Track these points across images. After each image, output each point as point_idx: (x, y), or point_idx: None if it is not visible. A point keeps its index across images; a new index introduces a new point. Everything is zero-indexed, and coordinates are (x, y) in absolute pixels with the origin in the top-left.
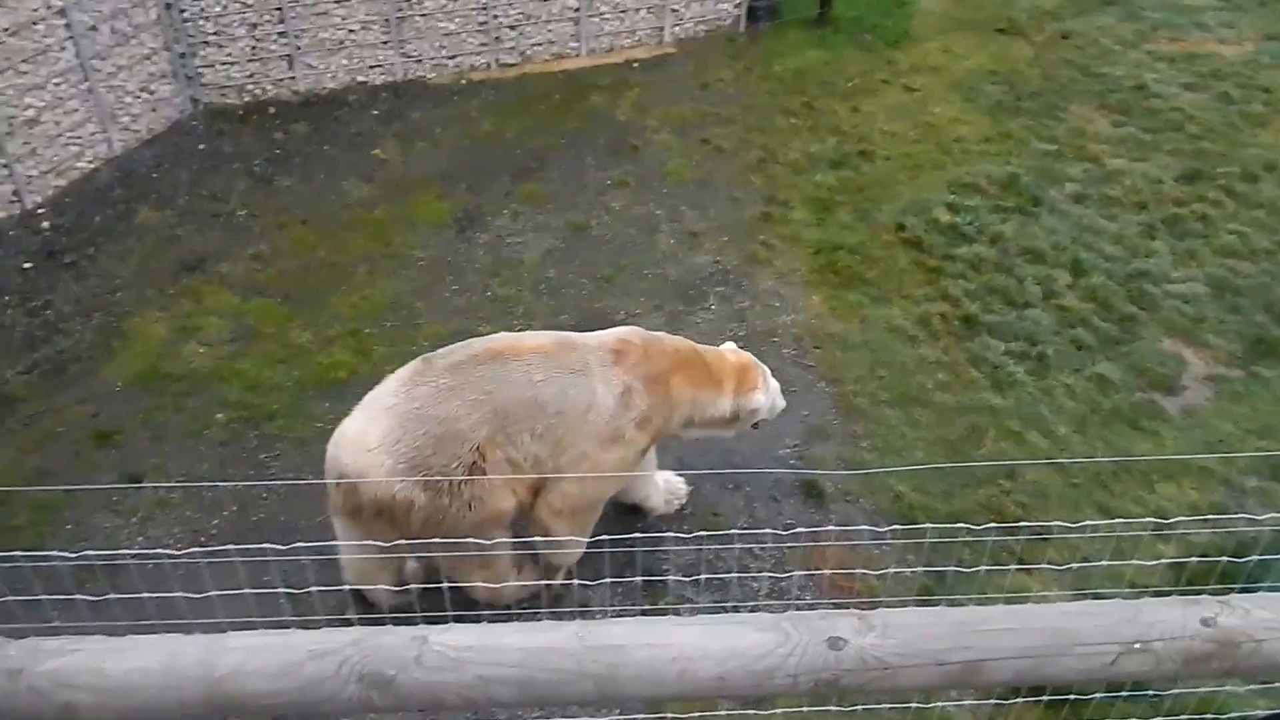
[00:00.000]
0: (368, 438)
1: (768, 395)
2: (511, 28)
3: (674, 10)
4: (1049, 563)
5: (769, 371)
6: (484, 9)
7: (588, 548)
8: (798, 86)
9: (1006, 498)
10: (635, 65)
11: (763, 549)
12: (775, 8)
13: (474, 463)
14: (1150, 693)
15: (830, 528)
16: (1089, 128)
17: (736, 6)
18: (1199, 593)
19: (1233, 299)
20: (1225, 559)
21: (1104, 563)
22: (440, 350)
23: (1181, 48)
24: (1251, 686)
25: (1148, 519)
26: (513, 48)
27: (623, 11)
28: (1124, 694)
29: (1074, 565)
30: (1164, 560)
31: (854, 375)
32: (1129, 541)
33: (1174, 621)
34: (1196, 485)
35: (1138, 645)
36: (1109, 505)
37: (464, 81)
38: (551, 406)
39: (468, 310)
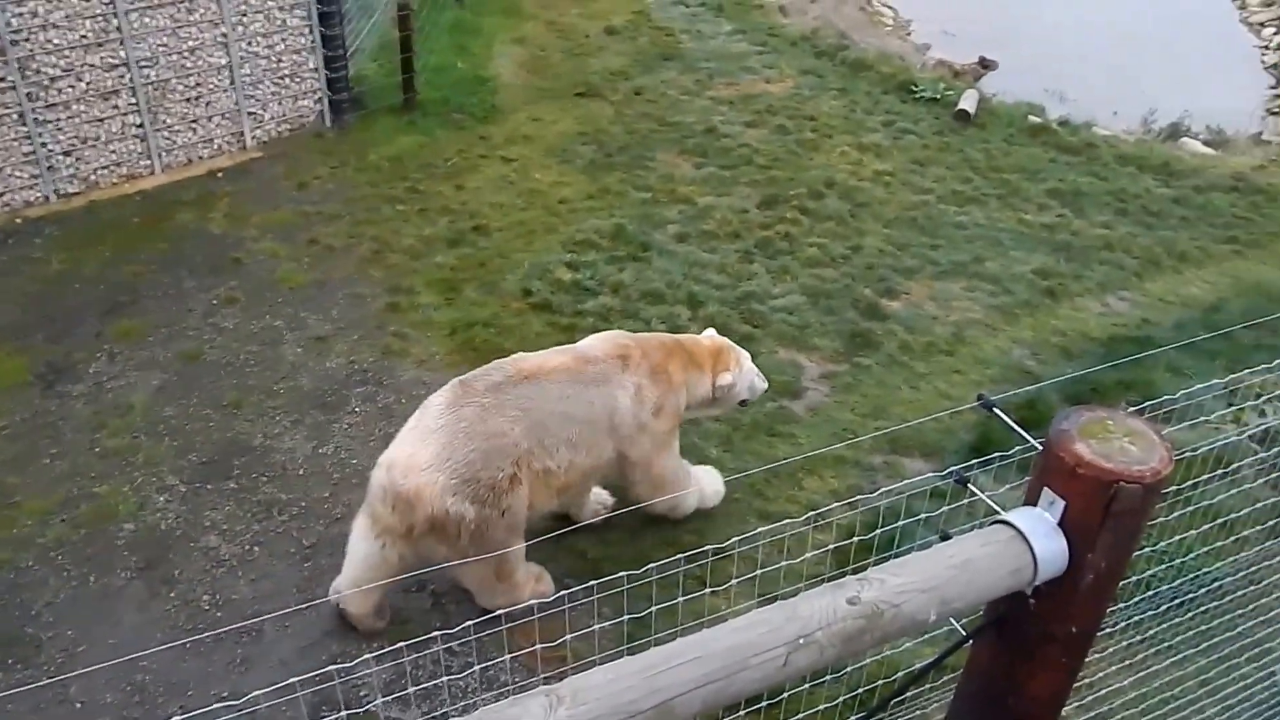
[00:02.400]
0: (419, 459)
1: (740, 374)
2: (66, 153)
3: (251, 114)
4: (734, 578)
5: (748, 355)
6: (28, 138)
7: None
8: (398, 173)
9: (680, 527)
10: (220, 175)
11: (462, 644)
12: (359, 99)
13: (514, 474)
14: (829, 676)
15: (530, 602)
16: (676, 172)
17: (317, 102)
18: (861, 570)
19: (826, 302)
20: (875, 535)
21: (782, 564)
22: (473, 372)
23: (737, 91)
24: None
25: (805, 514)
26: (73, 175)
27: (193, 122)
28: (808, 684)
29: (757, 574)
30: (823, 549)
31: None
32: (795, 539)
33: (826, 609)
34: (835, 474)
35: (801, 640)
36: (768, 510)
37: (18, 220)
38: (581, 416)
39: (75, 473)
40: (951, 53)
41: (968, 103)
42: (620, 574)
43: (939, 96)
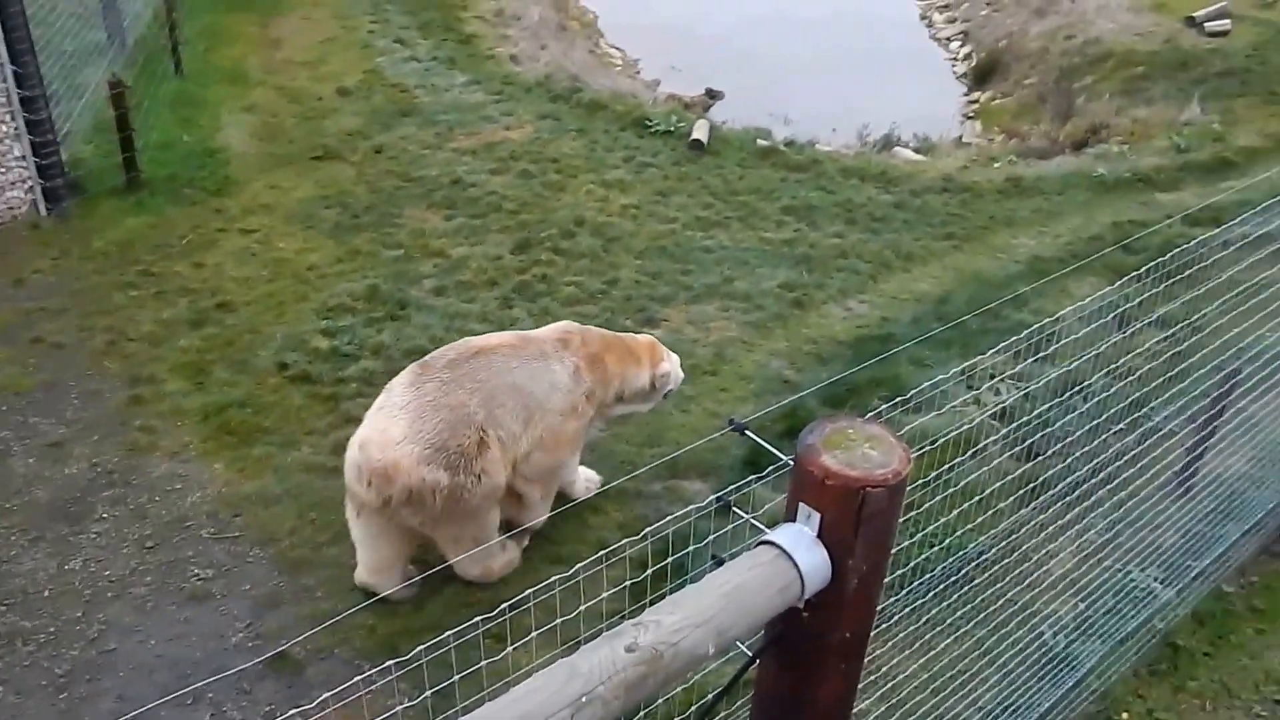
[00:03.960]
0: (392, 434)
1: (672, 364)
2: None
3: None
4: (533, 630)
5: (674, 355)
6: None
7: None
8: (129, 257)
9: (473, 585)
10: None
11: None
12: (77, 184)
13: (480, 440)
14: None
15: (324, 695)
16: (426, 226)
17: (28, 192)
18: (660, 600)
19: None
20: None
21: (580, 608)
22: (429, 355)
23: (478, 140)
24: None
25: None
26: None
27: None
28: None
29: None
30: (619, 586)
31: (286, 529)
32: (589, 580)
33: (605, 661)
34: (619, 508)
35: (584, 699)
36: (559, 554)
37: None
38: (525, 388)
39: None
40: (680, 87)
41: (700, 132)
42: (417, 647)
43: (673, 129)
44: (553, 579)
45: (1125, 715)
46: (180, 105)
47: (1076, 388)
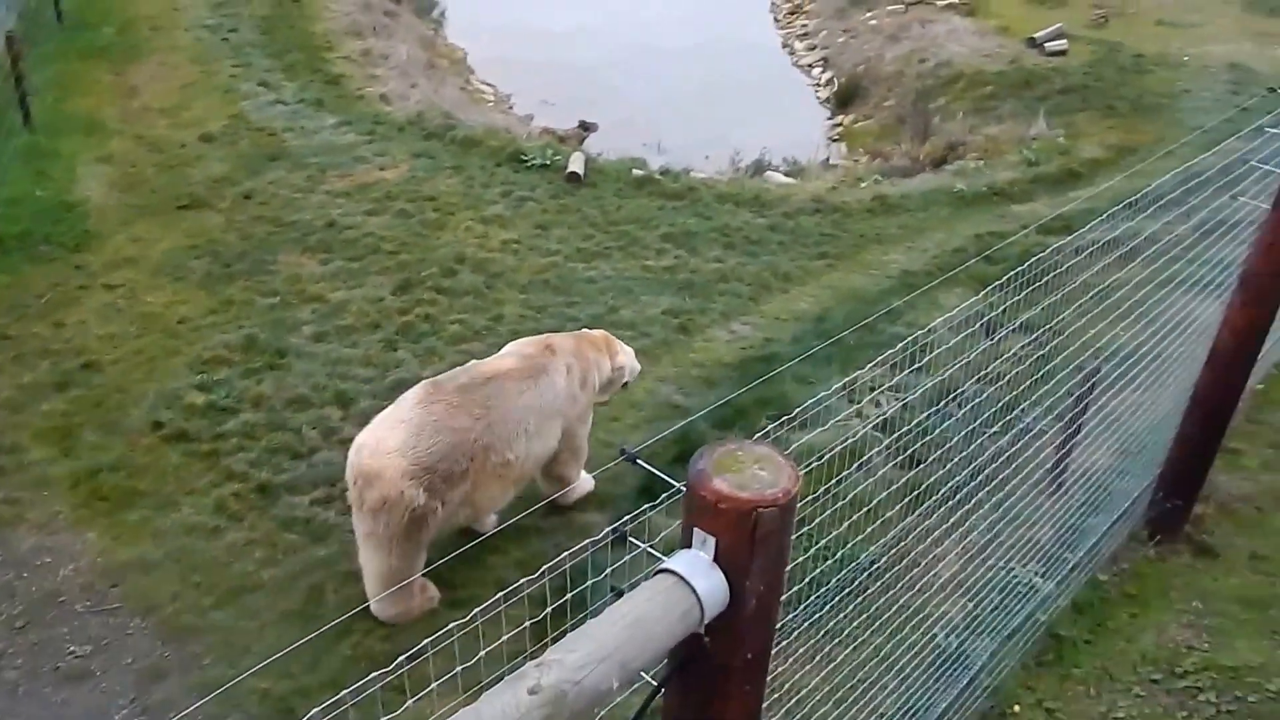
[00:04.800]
0: (386, 443)
1: (627, 356)
2: None
3: None
4: (433, 680)
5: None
6: None
7: None
8: None
9: (370, 635)
10: None
11: None
12: None
13: (467, 469)
14: None
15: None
16: (302, 271)
17: None
18: (559, 638)
19: None
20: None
21: (481, 652)
22: (440, 376)
23: (352, 181)
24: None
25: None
26: None
27: None
28: None
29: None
30: (520, 625)
31: (169, 595)
32: (490, 622)
33: (509, 706)
34: (517, 544)
35: None
36: (457, 599)
37: None
38: (536, 405)
39: None
40: (554, 120)
41: (576, 165)
42: (313, 709)
43: (549, 162)
44: (450, 625)
45: (1017, 708)
46: (31, 158)
47: (951, 395)
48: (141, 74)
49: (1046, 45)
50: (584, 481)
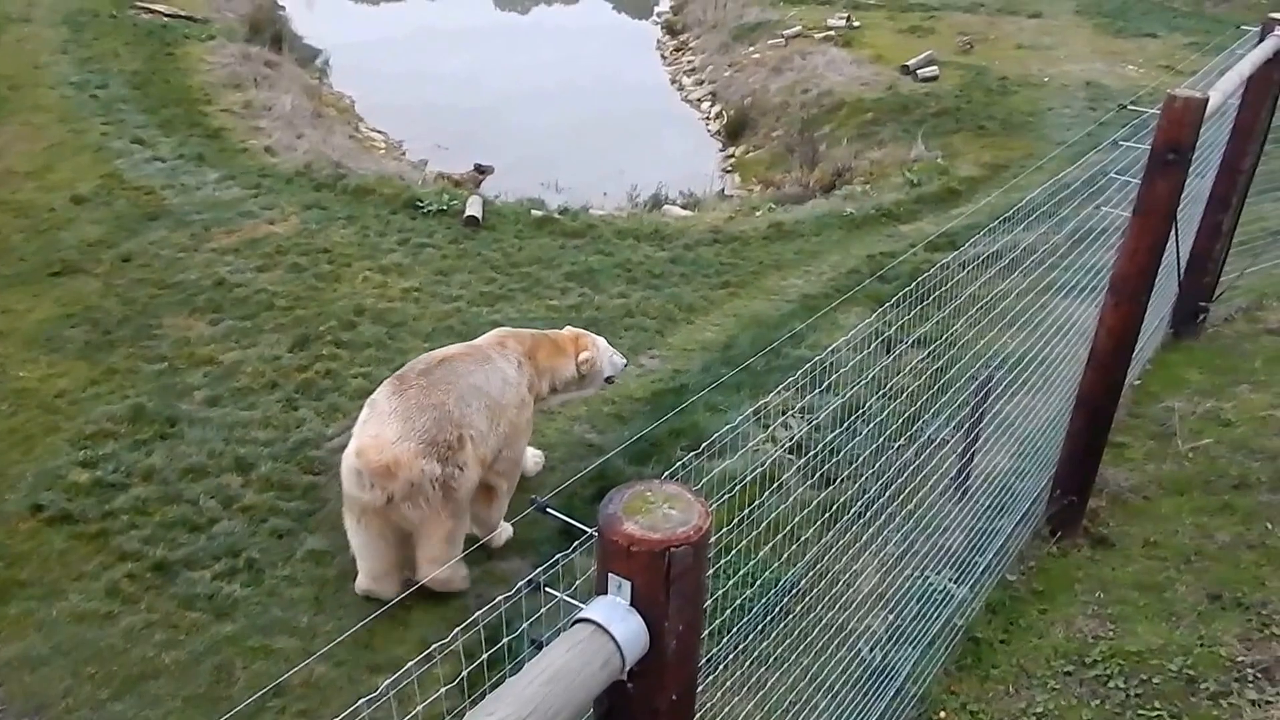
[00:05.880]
0: (386, 435)
1: (598, 352)
2: None
3: None
4: None
5: (601, 339)
6: None
7: None
8: None
9: (283, 715)
10: None
11: None
12: None
13: (460, 435)
14: None
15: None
16: (191, 334)
17: None
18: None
19: None
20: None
21: (414, 710)
22: (400, 370)
23: (239, 237)
24: None
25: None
26: None
27: None
28: None
29: None
30: (449, 683)
31: (59, 691)
32: (413, 684)
33: None
34: (435, 601)
35: None
36: (377, 662)
37: None
38: (484, 388)
39: None
40: (448, 164)
41: (474, 208)
42: None
43: (446, 207)
44: (364, 700)
45: (943, 713)
46: None
47: (857, 413)
48: (2, 136)
49: (919, 72)
50: (504, 529)
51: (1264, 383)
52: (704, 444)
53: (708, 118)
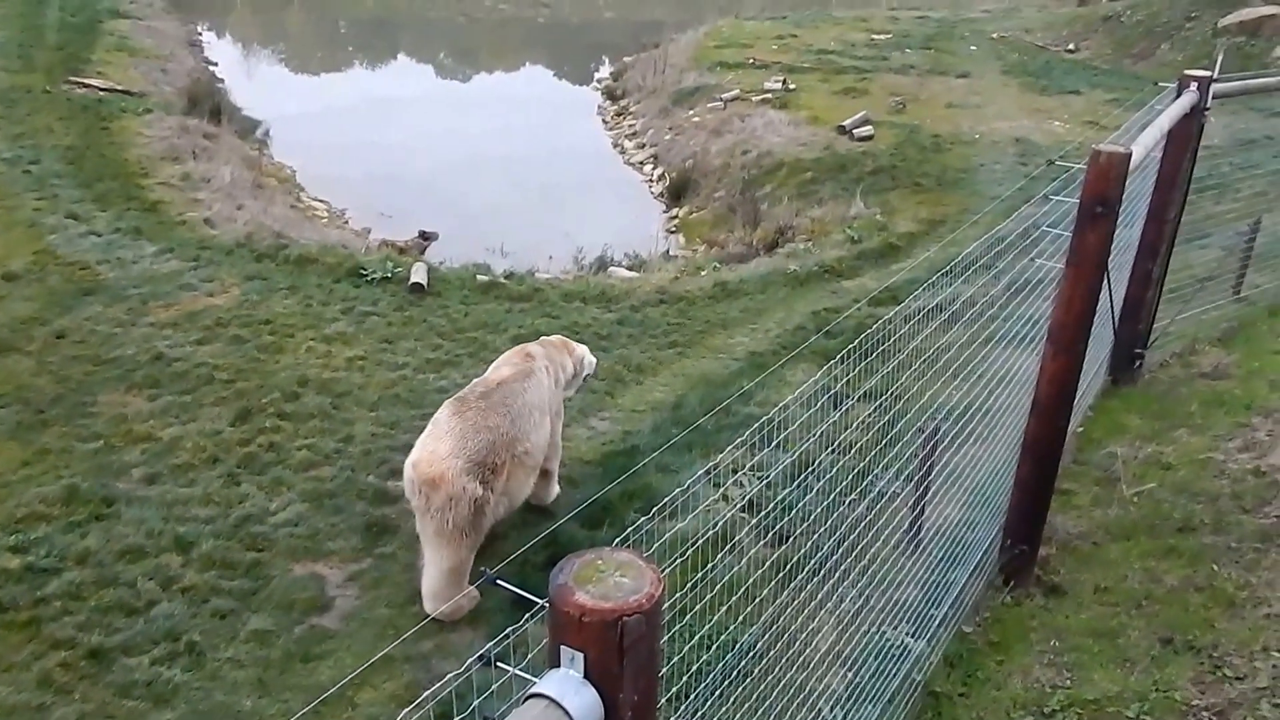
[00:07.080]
0: (439, 451)
1: (584, 351)
2: None
3: None
4: None
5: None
6: None
7: None
8: None
9: None
10: None
11: None
12: None
13: (504, 460)
14: None
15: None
16: (128, 410)
17: None
18: None
19: (331, 502)
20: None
21: None
22: (460, 392)
23: (178, 311)
24: None
25: None
26: None
27: None
28: None
29: None
30: None
31: None
32: None
33: None
34: (388, 677)
35: None
36: None
37: None
38: (536, 401)
39: None
40: (391, 232)
41: (419, 275)
42: None
43: (390, 275)
44: None
45: None
46: None
47: (809, 469)
48: None
49: (855, 131)
50: (554, 489)
51: (1201, 426)
52: (656, 506)
53: (650, 180)
